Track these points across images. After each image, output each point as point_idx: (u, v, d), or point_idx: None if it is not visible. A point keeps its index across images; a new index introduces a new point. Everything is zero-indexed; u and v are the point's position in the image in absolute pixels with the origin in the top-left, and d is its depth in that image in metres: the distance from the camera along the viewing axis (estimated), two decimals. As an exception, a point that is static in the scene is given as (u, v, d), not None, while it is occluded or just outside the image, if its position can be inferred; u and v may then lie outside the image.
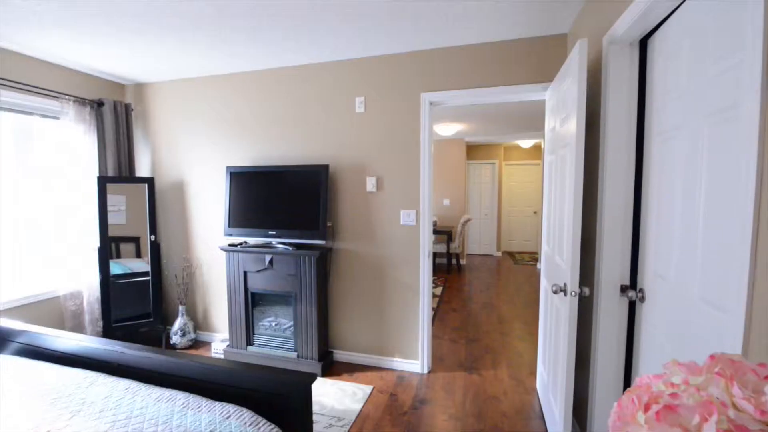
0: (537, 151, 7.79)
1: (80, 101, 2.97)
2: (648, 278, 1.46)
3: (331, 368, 2.91)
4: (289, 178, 2.80)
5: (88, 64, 2.94)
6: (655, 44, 1.42)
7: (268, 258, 2.78)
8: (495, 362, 2.99)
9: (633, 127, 1.56)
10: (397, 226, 2.78)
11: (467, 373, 2.81)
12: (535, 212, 7.91)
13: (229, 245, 2.90)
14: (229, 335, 3.00)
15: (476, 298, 4.78)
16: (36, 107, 2.80)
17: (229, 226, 2.93)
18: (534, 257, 7.50)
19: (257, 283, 2.87)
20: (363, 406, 2.40)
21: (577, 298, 1.63)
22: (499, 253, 7.78)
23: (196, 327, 3.44)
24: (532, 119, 5.09)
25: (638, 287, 1.54)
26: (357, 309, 2.94)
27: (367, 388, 2.59)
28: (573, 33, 2.25)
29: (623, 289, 1.61)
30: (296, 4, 1.98)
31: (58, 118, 2.91)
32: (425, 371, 2.82)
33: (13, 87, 2.61)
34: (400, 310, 2.84)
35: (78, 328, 3.00)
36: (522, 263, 6.99)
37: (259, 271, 2.83)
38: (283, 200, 2.80)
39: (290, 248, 2.74)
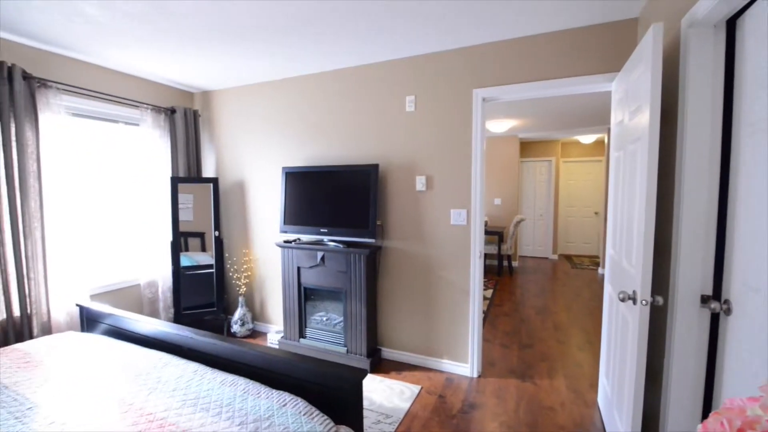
0: (599, 147, 7.25)
1: (156, 109, 3.29)
2: (735, 289, 1.29)
3: (379, 365, 2.94)
4: (341, 177, 2.87)
5: (162, 75, 3.24)
6: (746, 24, 1.25)
7: (320, 255, 2.87)
8: (551, 371, 2.84)
9: (718, 118, 1.39)
10: (446, 225, 2.74)
11: (520, 381, 2.69)
12: (596, 213, 7.37)
13: (284, 242, 3.04)
14: (283, 327, 3.15)
15: (530, 302, 4.56)
16: (121, 115, 3.15)
17: (284, 224, 3.08)
18: (595, 261, 6.99)
19: (310, 279, 2.98)
20: (411, 406, 2.40)
21: (648, 308, 1.49)
22: (555, 256, 7.35)
23: (254, 317, 3.66)
24: (595, 113, 4.74)
25: (723, 298, 1.37)
26: (405, 308, 2.95)
27: (415, 388, 2.58)
28: (644, 17, 2.06)
29: (704, 300, 1.44)
30: (352, 5, 2.03)
31: (138, 125, 3.25)
32: (475, 375, 2.75)
33: (104, 98, 2.96)
34: (449, 311, 2.80)
35: (153, 313, 3.33)
36: (581, 267, 6.55)
37: (311, 267, 2.94)
38: (334, 199, 2.89)
39: (341, 246, 2.81)
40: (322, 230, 2.90)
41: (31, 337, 2.48)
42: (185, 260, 3.39)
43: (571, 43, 2.32)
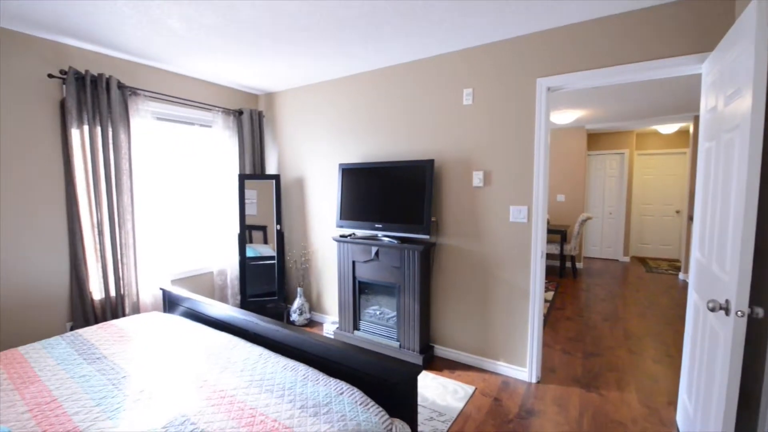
0: (683, 138, 6.47)
1: (226, 111, 3.55)
2: None
3: (432, 362, 2.92)
4: (396, 173, 2.88)
5: (231, 80, 3.49)
6: None
7: (374, 250, 2.92)
8: (621, 383, 2.61)
9: None
10: (505, 223, 2.63)
11: (584, 390, 2.51)
12: (677, 211, 6.60)
13: (340, 236, 3.13)
14: (338, 318, 3.26)
15: (596, 307, 4.23)
16: (196, 118, 3.45)
17: (340, 219, 3.17)
18: (675, 265, 6.28)
19: (364, 273, 3.04)
20: (465, 406, 2.35)
21: (745, 320, 1.30)
22: (627, 258, 6.71)
23: (311, 308, 3.83)
24: (678, 99, 4.23)
25: None
26: (460, 306, 2.89)
27: (469, 388, 2.53)
28: (748, -15, 1.78)
29: (822, 314, 1.22)
30: (410, 3, 2.01)
31: (210, 126, 3.54)
32: (533, 380, 2.62)
33: (182, 103, 3.26)
34: (506, 312, 2.69)
35: (223, 299, 3.63)
36: (657, 271, 5.92)
37: (366, 261, 3.00)
38: (389, 195, 2.90)
39: (395, 241, 2.83)
40: (376, 226, 2.94)
41: (123, 314, 2.84)
42: (250, 251, 3.64)
43: (652, 21, 2.09)
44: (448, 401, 2.38)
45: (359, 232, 3.22)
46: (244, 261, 3.58)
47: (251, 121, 3.75)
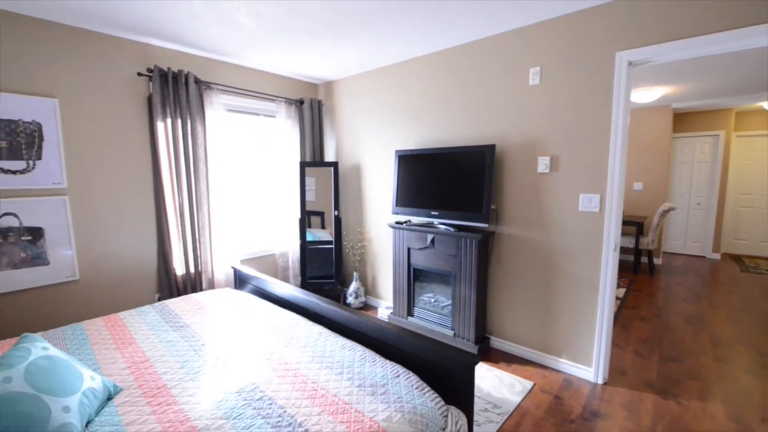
0: (797, 117, 5.47)
1: (288, 101, 3.70)
2: None
3: (487, 354, 2.85)
4: (454, 159, 2.80)
5: (292, 70, 3.61)
6: None
7: (430, 237, 2.89)
8: (704, 393, 2.34)
9: None
10: (573, 212, 2.44)
11: (659, 397, 2.29)
12: (785, 203, 5.65)
13: (396, 223, 3.15)
14: (393, 304, 3.30)
15: (676, 307, 3.81)
16: (261, 109, 3.65)
17: (396, 205, 3.18)
18: (778, 265, 5.42)
19: (419, 260, 3.03)
20: (522, 401, 2.27)
21: None
22: (717, 255, 5.92)
23: (366, 292, 3.93)
24: (796, 69, 3.56)
25: None
26: (519, 298, 2.77)
27: (527, 383, 2.43)
28: None
29: None
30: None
31: (274, 116, 3.72)
32: (599, 381, 2.44)
33: (249, 95, 3.46)
34: (570, 307, 2.52)
35: (285, 279, 3.86)
36: (756, 271, 5.15)
37: (421, 248, 2.99)
38: (446, 181, 2.84)
39: (452, 229, 2.77)
40: (432, 213, 2.90)
41: (200, 289, 3.14)
42: (309, 236, 3.81)
43: (768, -24, 1.76)
44: (504, 394, 2.32)
45: (415, 219, 3.20)
46: (304, 244, 3.76)
47: (311, 110, 3.88)
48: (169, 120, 2.86)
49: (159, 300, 3.02)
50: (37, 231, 2.43)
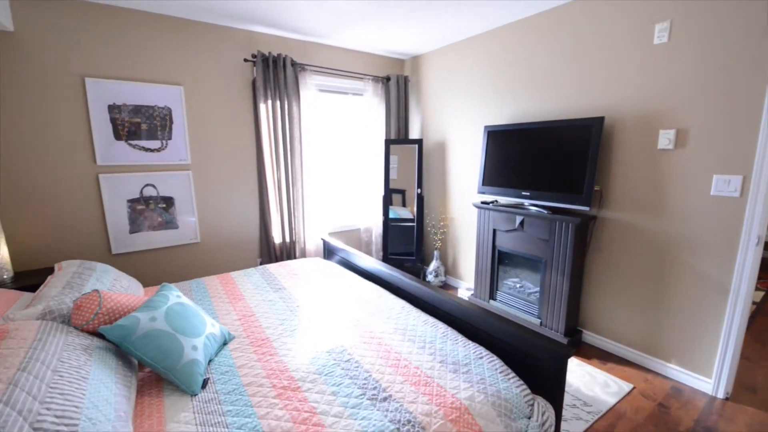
0: None
1: (375, 79, 3.73)
2: None
3: (579, 348, 2.63)
4: (551, 134, 2.55)
5: (380, 47, 3.60)
6: None
7: (519, 219, 2.72)
8: None
9: None
10: (703, 196, 2.06)
11: (807, 425, 1.88)
12: None
13: (482, 203, 3.02)
14: (474, 285, 3.22)
15: (840, 321, 3.03)
16: (349, 88, 3.74)
17: (482, 184, 3.04)
18: None
19: (505, 243, 2.88)
20: (618, 402, 2.06)
21: None
22: None
23: (446, 271, 3.90)
24: None
25: None
26: (621, 292, 2.47)
27: (625, 385, 2.20)
28: None
29: None
30: None
31: (362, 94, 3.79)
32: (720, 395, 2.09)
33: (339, 74, 3.57)
34: (689, 307, 2.17)
35: (368, 254, 4.02)
36: None
37: (508, 231, 2.83)
38: (541, 159, 2.61)
39: (545, 212, 2.56)
40: (523, 193, 2.71)
41: (294, 257, 3.44)
42: (391, 213, 3.89)
43: None
44: (596, 393, 2.13)
45: (502, 200, 3.03)
46: (387, 221, 3.85)
47: (397, 86, 3.86)
48: (269, 102, 3.11)
49: (260, 264, 3.40)
50: (169, 200, 2.89)
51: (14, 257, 2.39)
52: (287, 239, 3.37)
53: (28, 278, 2.25)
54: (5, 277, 2.15)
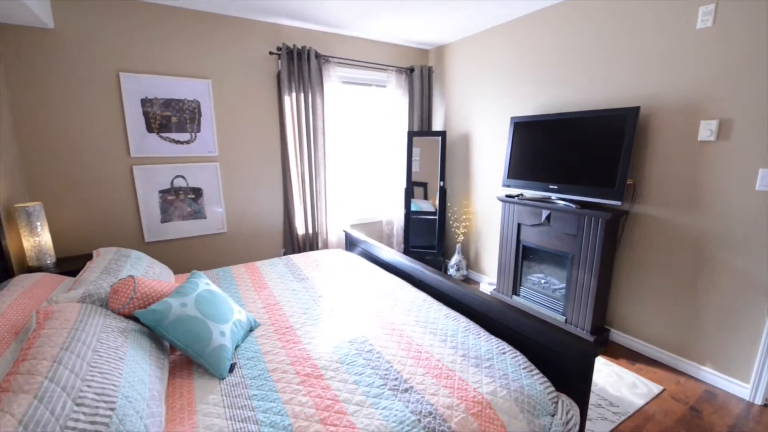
0: None
1: (398, 70, 3.69)
2: None
3: (605, 347, 2.56)
4: (581, 125, 2.45)
5: (404, 37, 3.55)
6: None
7: (545, 213, 2.64)
8: None
9: None
10: (748, 191, 1.93)
11: None
12: None
13: (506, 196, 2.95)
14: (496, 280, 3.17)
15: None
16: (372, 79, 3.72)
17: (507, 177, 2.97)
18: None
19: (530, 238, 2.82)
20: (646, 404, 2.00)
21: None
22: None
23: (468, 265, 3.85)
24: None
25: None
26: (653, 290, 2.37)
27: (654, 386, 2.12)
28: None
29: None
30: None
31: (384, 86, 3.76)
32: (758, 402, 1.98)
33: (362, 65, 3.55)
34: (727, 308, 2.06)
35: (389, 246, 4.01)
36: None
37: (533, 225, 2.76)
38: (570, 151, 2.52)
39: (573, 206, 2.48)
40: (551, 186, 2.63)
41: (316, 248, 3.49)
42: (412, 206, 3.86)
43: None
44: (623, 393, 2.07)
45: (528, 193, 2.96)
46: (408, 214, 3.83)
47: (421, 77, 3.81)
48: (293, 94, 3.14)
49: (284, 254, 3.47)
50: (197, 191, 2.99)
51: (56, 244, 2.54)
52: (310, 230, 3.42)
53: (69, 263, 2.38)
54: (48, 262, 2.28)
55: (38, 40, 2.33)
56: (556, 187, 2.59)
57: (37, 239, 2.21)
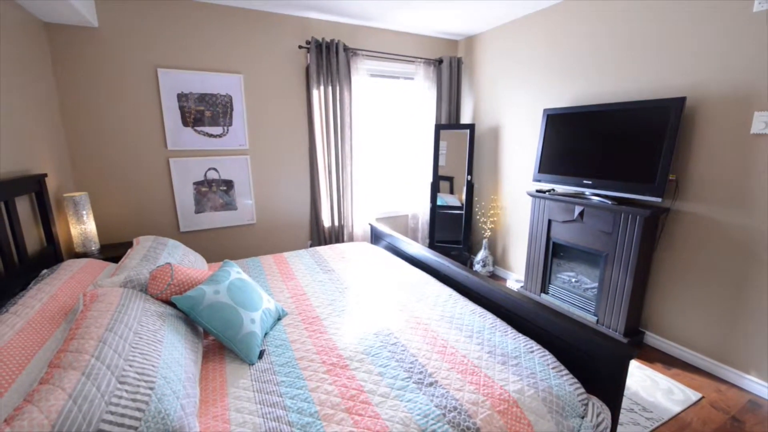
0: None
1: (427, 62, 3.63)
2: None
3: (640, 350, 2.45)
4: (620, 117, 2.33)
5: (433, 27, 3.49)
6: None
7: (578, 210, 2.54)
8: None
9: None
10: (803, 188, 1.78)
11: None
12: None
13: (537, 191, 2.87)
14: (524, 278, 3.10)
15: None
16: (400, 72, 3.68)
17: (538, 172, 2.88)
18: None
19: (561, 234, 2.73)
20: (682, 412, 1.90)
21: None
22: None
23: (495, 262, 3.78)
24: None
25: None
26: (694, 293, 2.24)
27: (692, 393, 2.01)
28: None
29: None
30: None
31: (412, 78, 3.72)
32: (812, 415, 1.85)
33: (390, 58, 3.51)
34: (777, 313, 1.92)
35: (414, 240, 4.00)
36: None
37: (565, 221, 2.67)
38: (607, 145, 2.41)
39: (609, 202, 2.37)
40: (585, 182, 2.52)
41: (342, 240, 3.53)
42: (438, 200, 3.82)
43: None
44: (658, 399, 1.98)
45: (560, 188, 2.85)
46: (434, 208, 3.80)
47: (450, 69, 3.73)
48: (321, 88, 3.16)
49: (311, 246, 3.53)
50: (229, 183, 3.08)
51: (99, 232, 2.70)
52: (336, 223, 3.46)
53: (112, 250, 2.53)
54: (93, 248, 2.43)
55: (85, 38, 2.46)
56: (590, 182, 2.48)
57: (83, 227, 2.36)
